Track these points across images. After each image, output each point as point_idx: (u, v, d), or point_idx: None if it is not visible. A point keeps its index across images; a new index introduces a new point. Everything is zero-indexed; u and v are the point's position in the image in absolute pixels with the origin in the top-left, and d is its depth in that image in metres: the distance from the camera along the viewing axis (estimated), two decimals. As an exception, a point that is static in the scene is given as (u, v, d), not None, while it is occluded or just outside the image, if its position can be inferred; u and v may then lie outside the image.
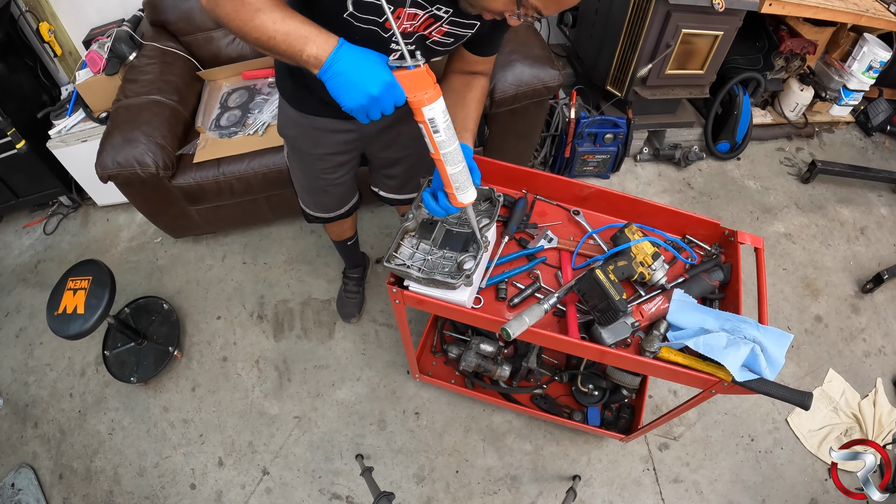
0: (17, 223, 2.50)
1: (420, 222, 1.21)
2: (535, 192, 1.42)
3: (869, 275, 2.24)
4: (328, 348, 2.03)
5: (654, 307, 1.19)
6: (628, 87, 2.26)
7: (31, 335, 2.12)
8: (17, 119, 2.03)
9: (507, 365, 1.65)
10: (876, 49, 2.45)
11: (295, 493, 1.75)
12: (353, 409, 1.90)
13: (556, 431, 1.84)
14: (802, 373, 2.02)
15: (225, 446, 1.84)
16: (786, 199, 2.54)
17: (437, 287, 1.12)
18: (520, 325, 1.06)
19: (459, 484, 1.75)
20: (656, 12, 1.97)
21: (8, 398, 1.98)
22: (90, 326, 1.60)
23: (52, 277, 2.27)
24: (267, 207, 2.16)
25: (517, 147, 2.19)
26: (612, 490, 1.75)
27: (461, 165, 0.94)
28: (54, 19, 2.20)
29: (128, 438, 1.87)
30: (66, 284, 1.67)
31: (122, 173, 1.77)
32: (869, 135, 2.87)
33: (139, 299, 2.12)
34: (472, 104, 1.14)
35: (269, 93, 2.11)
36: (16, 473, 1.80)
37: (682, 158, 2.58)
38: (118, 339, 1.99)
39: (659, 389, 1.94)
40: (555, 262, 1.32)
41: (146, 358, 1.96)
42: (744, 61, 2.50)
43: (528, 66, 1.84)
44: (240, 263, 2.27)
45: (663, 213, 1.33)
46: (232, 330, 2.09)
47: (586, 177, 2.55)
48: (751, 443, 1.86)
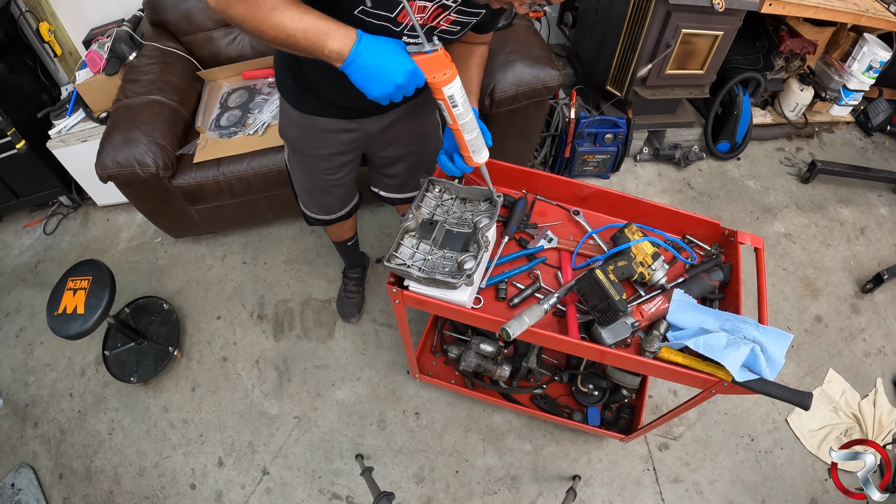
0: (17, 223, 2.50)
1: (420, 222, 1.21)
2: (535, 192, 1.42)
3: (869, 275, 2.24)
4: (328, 348, 2.03)
5: (654, 307, 1.19)
6: (628, 87, 2.26)
7: (31, 335, 2.12)
8: (17, 119, 2.03)
9: (507, 365, 1.64)
10: (876, 49, 2.45)
11: (295, 493, 1.75)
12: (353, 409, 1.90)
13: (556, 431, 1.84)
14: (802, 373, 2.02)
15: (225, 446, 1.84)
16: (786, 199, 2.54)
17: (437, 287, 1.12)
18: (520, 325, 1.06)
19: (459, 484, 1.75)
20: (656, 12, 1.97)
21: (8, 398, 1.98)
22: (90, 326, 1.60)
23: (52, 277, 2.27)
24: (267, 207, 2.16)
25: (517, 147, 2.19)
26: (612, 490, 1.75)
27: (476, 132, 1.03)
28: (54, 19, 2.20)
29: (128, 438, 1.87)
30: (66, 284, 1.67)
31: (122, 173, 1.77)
32: (869, 135, 2.87)
33: (139, 299, 2.12)
34: (474, 69, 1.20)
35: (269, 93, 2.11)
36: (16, 473, 1.80)
37: (682, 158, 2.58)
38: (118, 339, 1.99)
39: (659, 389, 1.94)
40: (555, 262, 1.32)
41: (146, 358, 1.96)
42: (744, 61, 2.50)
43: (528, 66, 1.84)
44: (240, 263, 2.27)
45: (663, 213, 1.33)
46: (232, 330, 2.09)
47: (586, 177, 2.55)
48: (751, 443, 1.86)
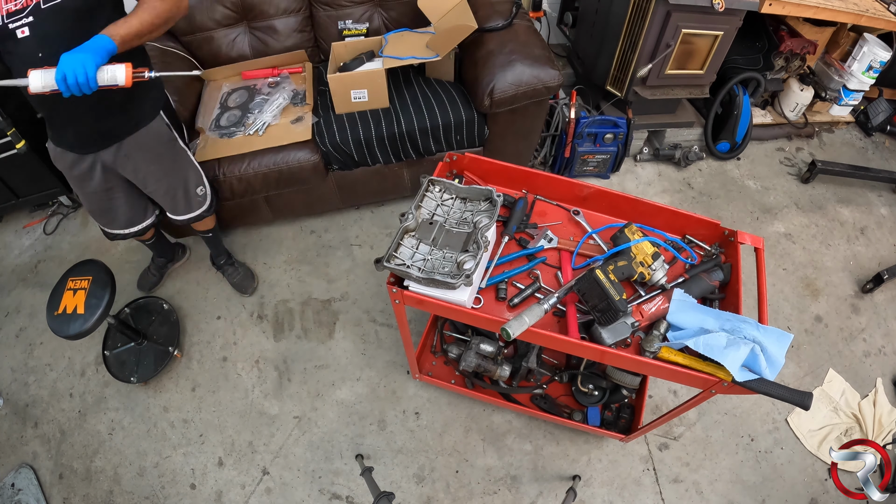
0: (17, 223, 2.50)
1: (420, 222, 1.21)
2: (535, 192, 1.42)
3: (869, 275, 2.24)
4: (328, 348, 2.03)
5: (654, 307, 1.19)
6: (628, 87, 2.26)
7: (31, 335, 2.12)
8: (17, 119, 2.02)
9: (507, 365, 1.65)
10: (876, 49, 2.45)
11: (295, 493, 1.75)
12: (353, 409, 1.90)
13: (556, 431, 1.84)
14: (802, 373, 2.02)
15: (225, 446, 1.84)
16: (786, 199, 2.54)
17: (437, 287, 1.12)
18: (520, 325, 1.06)
19: (459, 484, 1.75)
20: (656, 12, 1.97)
21: (8, 398, 1.98)
22: (90, 326, 1.60)
23: (52, 277, 2.27)
24: (267, 207, 2.17)
25: (517, 147, 2.20)
26: (612, 490, 1.75)
27: None
28: (54, 19, 2.20)
29: (128, 438, 1.87)
30: (67, 284, 1.67)
31: (122, 173, 1.77)
32: (869, 135, 2.87)
33: (139, 299, 2.12)
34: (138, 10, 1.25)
35: (268, 93, 2.11)
36: (16, 473, 1.80)
37: (682, 158, 2.58)
38: (118, 340, 1.99)
39: (659, 389, 1.94)
40: (555, 262, 1.32)
41: (146, 358, 1.96)
42: (744, 61, 2.50)
43: (528, 66, 1.84)
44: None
45: (663, 213, 1.33)
46: (232, 330, 2.09)
47: (586, 177, 2.55)
48: (751, 443, 1.86)
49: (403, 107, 1.97)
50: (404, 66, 1.95)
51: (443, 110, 1.95)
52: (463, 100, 1.99)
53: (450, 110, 1.95)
